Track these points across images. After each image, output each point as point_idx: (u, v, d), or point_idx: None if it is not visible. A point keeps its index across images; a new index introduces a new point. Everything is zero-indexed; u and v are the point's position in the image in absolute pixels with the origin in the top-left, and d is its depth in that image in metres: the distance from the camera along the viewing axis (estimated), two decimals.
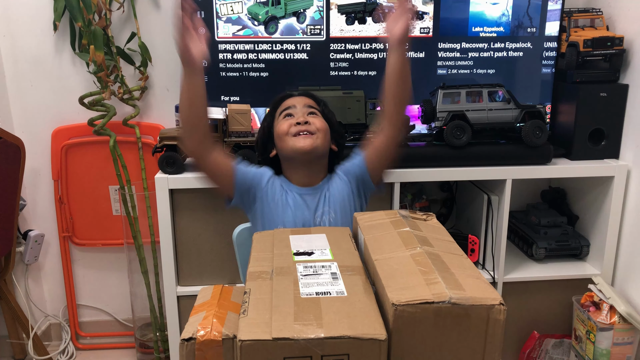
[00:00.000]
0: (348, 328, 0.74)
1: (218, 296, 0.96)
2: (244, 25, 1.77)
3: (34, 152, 2.02)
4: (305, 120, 1.30)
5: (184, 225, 1.70)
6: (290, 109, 1.33)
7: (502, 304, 0.77)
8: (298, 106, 1.33)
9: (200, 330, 0.84)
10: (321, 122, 1.32)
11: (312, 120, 1.31)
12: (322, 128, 1.31)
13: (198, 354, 0.83)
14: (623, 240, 1.82)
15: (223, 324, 0.86)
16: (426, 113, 1.76)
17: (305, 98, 1.37)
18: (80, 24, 1.80)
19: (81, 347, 2.22)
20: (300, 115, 1.31)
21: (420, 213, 1.16)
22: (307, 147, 1.28)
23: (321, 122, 1.32)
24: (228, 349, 0.83)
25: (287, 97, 1.38)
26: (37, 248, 2.08)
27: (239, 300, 0.96)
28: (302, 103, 1.34)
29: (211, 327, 0.84)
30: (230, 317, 0.89)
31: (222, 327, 0.85)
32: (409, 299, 0.76)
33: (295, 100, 1.36)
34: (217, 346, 0.83)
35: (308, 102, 1.36)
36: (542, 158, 1.76)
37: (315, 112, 1.34)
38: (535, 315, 1.89)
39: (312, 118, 1.31)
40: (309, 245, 1.02)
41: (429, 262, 0.87)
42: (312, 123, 1.30)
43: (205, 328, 0.84)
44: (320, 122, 1.32)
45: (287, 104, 1.35)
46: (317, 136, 1.29)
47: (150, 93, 2.02)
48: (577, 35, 1.81)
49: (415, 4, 1.79)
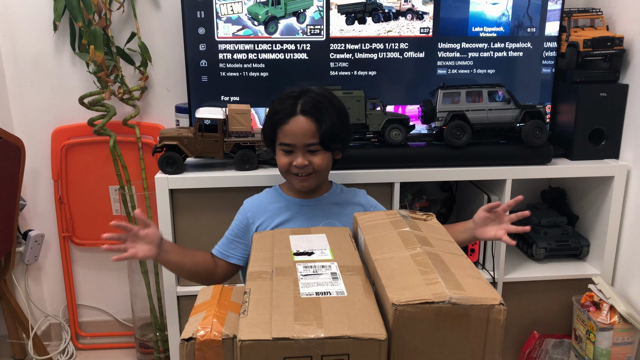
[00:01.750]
0: (348, 328, 0.74)
1: (218, 296, 0.96)
2: (244, 25, 1.77)
3: (34, 152, 2.02)
4: (303, 163, 1.26)
5: (184, 225, 1.69)
6: (290, 146, 1.26)
7: (502, 304, 0.77)
8: (298, 145, 1.26)
9: (200, 330, 0.84)
10: (321, 159, 1.27)
11: (311, 159, 1.27)
12: (322, 165, 1.28)
13: (198, 354, 0.83)
14: (623, 240, 1.82)
15: (223, 324, 0.86)
16: (426, 113, 1.76)
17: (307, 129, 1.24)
18: (80, 24, 1.80)
19: (81, 347, 2.22)
20: (300, 155, 1.26)
21: (420, 213, 1.16)
22: (305, 187, 1.32)
23: (321, 159, 1.27)
24: (228, 349, 0.83)
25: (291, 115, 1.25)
26: (37, 248, 2.08)
27: (239, 300, 0.96)
28: (303, 142, 1.25)
29: (211, 327, 0.84)
30: (230, 317, 0.89)
31: (222, 327, 0.85)
32: (409, 299, 0.76)
33: (296, 134, 1.25)
34: (217, 346, 0.83)
35: (309, 136, 1.25)
36: (542, 158, 1.76)
37: (315, 150, 1.27)
38: (535, 315, 1.89)
39: (312, 157, 1.27)
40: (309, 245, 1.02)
41: (429, 262, 0.87)
42: (310, 163, 1.27)
43: (205, 328, 0.84)
44: (320, 159, 1.27)
45: (288, 138, 1.26)
46: (316, 175, 1.29)
47: (150, 93, 2.02)
48: (577, 35, 1.81)
49: (415, 5, 1.79)
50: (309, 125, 1.24)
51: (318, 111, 1.25)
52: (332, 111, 1.26)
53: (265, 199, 1.39)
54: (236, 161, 1.66)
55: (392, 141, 1.71)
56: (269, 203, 1.37)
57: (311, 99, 1.26)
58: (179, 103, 1.94)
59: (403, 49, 1.83)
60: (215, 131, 1.64)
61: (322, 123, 1.24)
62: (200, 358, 0.83)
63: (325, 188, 1.39)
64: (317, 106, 1.25)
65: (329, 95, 1.31)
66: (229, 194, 1.64)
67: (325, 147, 1.27)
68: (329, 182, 1.41)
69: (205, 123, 1.64)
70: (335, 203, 1.37)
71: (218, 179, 1.65)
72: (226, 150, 1.66)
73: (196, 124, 1.63)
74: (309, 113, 1.24)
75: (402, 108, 1.88)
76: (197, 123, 1.63)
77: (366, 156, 1.71)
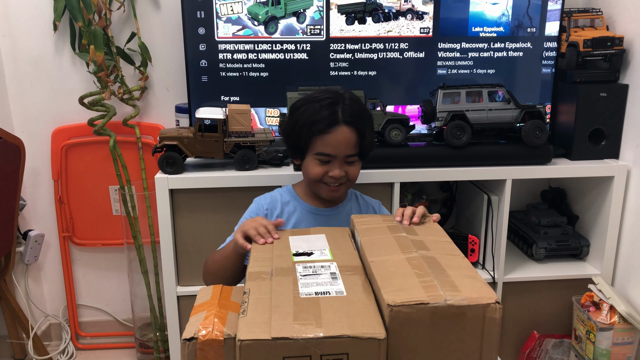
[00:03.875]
0: (347, 327, 0.74)
1: (218, 296, 0.96)
2: (244, 25, 1.77)
3: (34, 152, 2.02)
4: (341, 174, 1.22)
5: (184, 225, 1.70)
6: (329, 156, 1.21)
7: (498, 303, 0.77)
8: (339, 156, 1.21)
9: (202, 330, 0.84)
10: (356, 170, 1.25)
11: (347, 170, 1.23)
12: (356, 175, 1.25)
13: (200, 353, 0.83)
14: (623, 240, 1.82)
15: (225, 323, 0.86)
16: (426, 113, 1.76)
17: (350, 139, 1.20)
18: (80, 24, 1.80)
19: (81, 347, 2.22)
20: (337, 166, 1.21)
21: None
22: (335, 197, 1.28)
23: (356, 170, 1.25)
24: (230, 349, 0.83)
25: (333, 125, 1.18)
26: (37, 248, 2.08)
27: (238, 300, 0.96)
28: (344, 153, 1.20)
29: (213, 327, 0.84)
30: (231, 316, 0.89)
31: (223, 326, 0.85)
32: (404, 300, 0.76)
33: (339, 144, 1.19)
34: (218, 346, 0.83)
35: (351, 147, 1.21)
36: (542, 158, 1.76)
37: (353, 161, 1.23)
38: (535, 315, 1.89)
39: (348, 167, 1.23)
40: (308, 246, 1.02)
41: (425, 265, 0.87)
42: (346, 173, 1.23)
43: (207, 328, 0.84)
44: (355, 170, 1.24)
45: (329, 148, 1.20)
46: (347, 184, 1.26)
47: (150, 93, 2.02)
48: (577, 35, 1.81)
49: (415, 5, 1.79)
50: (352, 136, 1.19)
51: (360, 121, 1.21)
52: (368, 120, 1.25)
53: (278, 200, 1.33)
54: (236, 161, 1.66)
55: (392, 141, 1.71)
56: (283, 204, 1.32)
57: (351, 108, 1.20)
58: (179, 103, 1.94)
59: (403, 49, 1.83)
60: (215, 131, 1.64)
61: (365, 134, 1.21)
62: (202, 358, 0.83)
63: (341, 197, 1.34)
64: (359, 115, 1.21)
65: (360, 102, 1.27)
66: (229, 194, 1.64)
67: (362, 158, 1.24)
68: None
69: (205, 123, 1.64)
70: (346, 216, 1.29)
71: (218, 179, 1.65)
72: (226, 150, 1.66)
73: (196, 124, 1.63)
74: (351, 123, 1.19)
75: (402, 108, 1.88)
76: (197, 123, 1.63)
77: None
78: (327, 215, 1.31)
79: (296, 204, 1.32)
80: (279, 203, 1.32)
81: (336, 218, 1.31)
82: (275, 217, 1.30)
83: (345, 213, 1.32)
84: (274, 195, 1.35)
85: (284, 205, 1.32)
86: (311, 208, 1.31)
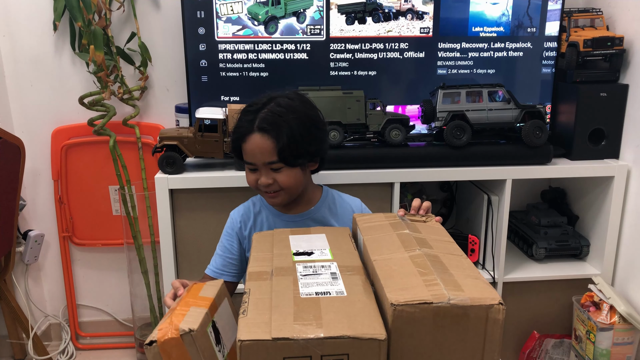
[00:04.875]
0: (348, 328, 0.74)
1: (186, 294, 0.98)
2: (244, 25, 1.77)
3: (34, 152, 2.02)
4: (267, 182, 1.20)
5: (184, 225, 1.70)
6: (251, 164, 1.21)
7: (501, 304, 0.77)
8: (258, 164, 1.19)
9: (158, 332, 0.84)
10: (286, 177, 1.20)
11: (275, 177, 1.20)
12: (288, 182, 1.21)
13: (164, 355, 0.83)
14: (623, 240, 1.82)
15: (182, 319, 0.86)
16: (426, 113, 1.76)
17: (263, 147, 1.17)
18: (80, 24, 1.80)
19: (81, 347, 2.22)
20: (263, 174, 1.20)
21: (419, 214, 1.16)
22: (276, 204, 1.27)
23: (286, 177, 1.20)
24: (190, 344, 0.83)
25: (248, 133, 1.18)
26: (37, 248, 2.08)
27: (209, 295, 0.96)
28: (262, 160, 1.18)
29: (169, 326, 0.84)
30: (193, 312, 0.89)
31: (180, 323, 0.85)
32: (407, 299, 0.76)
33: (254, 153, 1.18)
34: (178, 344, 0.83)
35: (267, 155, 1.17)
36: (542, 158, 1.76)
37: (278, 168, 1.19)
38: (535, 315, 1.89)
39: (276, 174, 1.20)
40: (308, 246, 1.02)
41: (428, 264, 0.87)
42: (275, 181, 1.20)
43: (162, 329, 0.85)
44: (284, 176, 1.20)
45: (248, 157, 1.20)
46: (284, 192, 1.22)
47: (150, 93, 2.02)
48: (577, 35, 1.81)
49: (415, 5, 1.79)
50: (265, 143, 1.16)
51: (275, 126, 1.16)
52: (293, 124, 1.17)
53: (252, 210, 1.33)
54: (236, 161, 1.66)
55: (392, 141, 1.71)
56: (256, 215, 1.32)
57: (270, 113, 1.17)
58: (179, 103, 1.94)
59: (403, 49, 1.83)
60: (215, 131, 1.64)
61: (279, 139, 1.16)
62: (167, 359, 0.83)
63: (312, 200, 1.31)
64: (275, 121, 1.16)
65: (294, 103, 1.21)
66: (229, 194, 1.64)
67: (287, 164, 1.19)
68: (318, 191, 1.34)
69: (205, 123, 1.64)
70: (319, 220, 1.30)
71: (218, 179, 1.65)
72: (226, 150, 1.66)
73: (196, 124, 1.63)
74: (264, 130, 1.16)
75: (402, 108, 1.88)
76: (197, 123, 1.63)
77: (366, 156, 1.71)
78: (297, 221, 1.29)
79: (267, 213, 1.32)
80: (252, 214, 1.32)
81: (307, 224, 1.28)
82: (249, 228, 1.30)
83: (319, 217, 1.30)
84: (247, 206, 1.35)
85: (256, 215, 1.32)
86: (281, 215, 1.30)
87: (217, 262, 1.31)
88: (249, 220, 1.32)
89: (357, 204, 1.36)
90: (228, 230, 1.33)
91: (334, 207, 1.33)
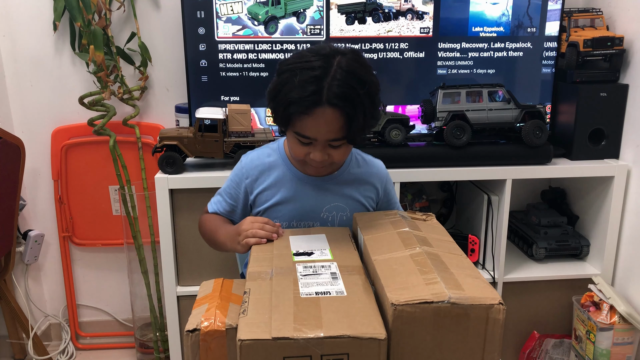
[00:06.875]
0: (347, 327, 0.74)
1: (219, 289, 0.98)
2: (244, 25, 1.77)
3: (34, 152, 2.02)
4: (323, 158, 1.08)
5: (184, 225, 1.70)
6: (309, 139, 1.07)
7: (502, 304, 0.77)
8: (320, 139, 1.06)
9: (205, 322, 0.86)
10: (343, 153, 1.10)
11: (331, 153, 1.09)
12: (343, 158, 1.12)
13: (202, 344, 0.85)
14: (623, 240, 1.82)
15: (226, 314, 0.88)
16: (426, 113, 1.76)
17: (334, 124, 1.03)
18: (80, 24, 1.80)
19: (81, 347, 2.22)
20: (319, 151, 1.07)
21: (420, 213, 1.16)
22: (320, 174, 1.18)
23: (343, 153, 1.10)
24: (231, 339, 0.84)
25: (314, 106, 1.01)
26: (37, 248, 2.08)
27: (240, 292, 0.97)
28: (326, 137, 1.05)
29: (215, 318, 0.86)
30: (233, 308, 0.91)
31: (225, 317, 0.86)
32: (408, 298, 0.76)
33: (320, 129, 1.04)
34: (221, 336, 0.85)
35: (335, 132, 1.04)
36: (542, 158, 1.76)
37: (338, 145, 1.08)
38: (535, 315, 1.89)
39: (333, 151, 1.08)
40: (308, 246, 1.02)
41: (428, 262, 0.87)
42: (330, 156, 1.09)
43: (208, 319, 0.86)
44: (341, 153, 1.10)
45: (308, 131, 1.05)
46: (332, 165, 1.15)
47: (150, 93, 2.02)
48: (577, 35, 1.81)
49: (415, 5, 1.79)
50: (336, 119, 1.02)
51: (349, 102, 1.01)
52: (365, 99, 1.02)
53: (267, 163, 1.21)
54: (236, 161, 1.66)
55: (392, 141, 1.71)
56: (271, 168, 1.20)
57: (340, 83, 1.00)
58: (179, 103, 1.94)
59: (403, 49, 1.83)
60: (215, 131, 1.64)
61: (354, 118, 1.02)
62: (205, 348, 0.85)
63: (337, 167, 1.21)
64: (349, 95, 1.00)
65: (360, 70, 1.04)
66: None
67: (350, 141, 1.08)
68: None
69: (205, 123, 1.64)
70: (346, 183, 1.20)
71: (218, 179, 1.65)
72: (226, 150, 1.66)
73: (196, 124, 1.63)
74: (337, 105, 1.00)
75: (402, 108, 1.88)
76: (197, 123, 1.63)
77: None
78: (319, 184, 1.18)
79: (285, 170, 1.20)
80: (268, 167, 1.20)
81: (328, 187, 1.19)
82: (264, 184, 1.20)
83: (339, 181, 1.20)
84: (261, 157, 1.22)
85: (271, 169, 1.20)
86: (301, 176, 1.18)
87: (224, 206, 1.28)
88: (260, 174, 1.21)
89: (380, 168, 1.28)
90: (235, 179, 1.24)
91: (357, 170, 1.23)
